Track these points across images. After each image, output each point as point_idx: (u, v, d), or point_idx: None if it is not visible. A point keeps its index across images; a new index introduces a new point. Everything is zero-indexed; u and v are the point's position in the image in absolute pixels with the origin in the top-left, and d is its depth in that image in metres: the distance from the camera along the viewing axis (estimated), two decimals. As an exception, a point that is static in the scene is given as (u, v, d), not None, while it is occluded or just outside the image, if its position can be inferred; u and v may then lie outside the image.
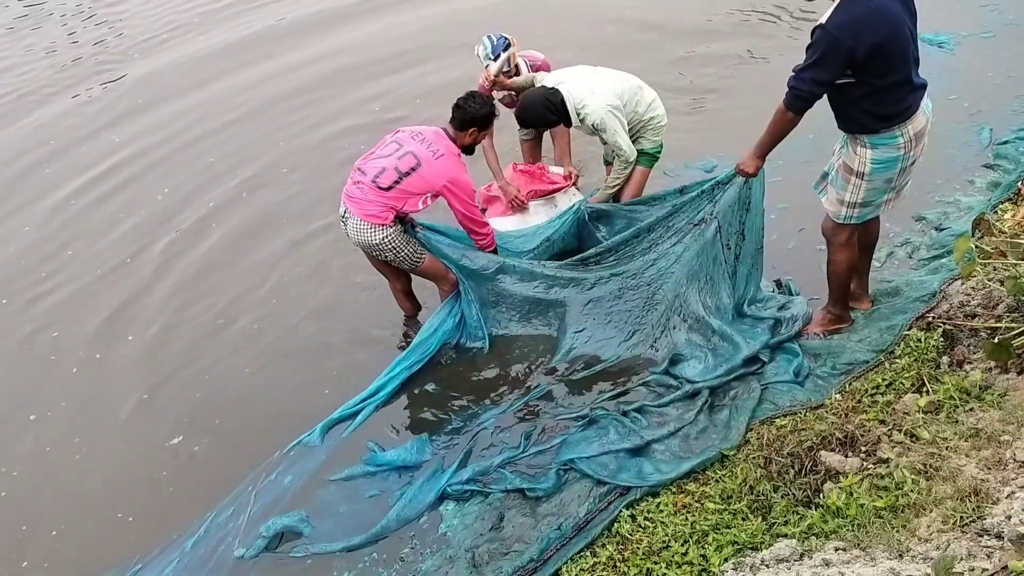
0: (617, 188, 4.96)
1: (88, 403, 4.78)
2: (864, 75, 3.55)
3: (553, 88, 4.61)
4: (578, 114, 4.54)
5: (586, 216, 4.98)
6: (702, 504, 3.52)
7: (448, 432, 4.35)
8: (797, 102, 3.67)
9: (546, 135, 5.63)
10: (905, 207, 4.34)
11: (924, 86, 3.72)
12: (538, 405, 4.43)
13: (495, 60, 4.95)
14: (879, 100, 3.61)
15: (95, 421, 4.66)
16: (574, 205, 5.07)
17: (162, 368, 4.97)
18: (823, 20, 3.50)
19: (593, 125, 4.56)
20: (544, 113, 4.60)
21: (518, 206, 5.14)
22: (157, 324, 5.31)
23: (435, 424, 4.42)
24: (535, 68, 5.14)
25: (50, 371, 5.03)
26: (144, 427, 4.60)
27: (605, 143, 4.87)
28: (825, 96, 3.69)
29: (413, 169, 4.35)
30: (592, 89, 4.58)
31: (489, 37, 5.01)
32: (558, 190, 5.21)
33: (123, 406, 4.73)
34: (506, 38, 5.00)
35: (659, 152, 5.00)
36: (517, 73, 5.08)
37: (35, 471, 4.41)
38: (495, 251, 4.73)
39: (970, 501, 2.81)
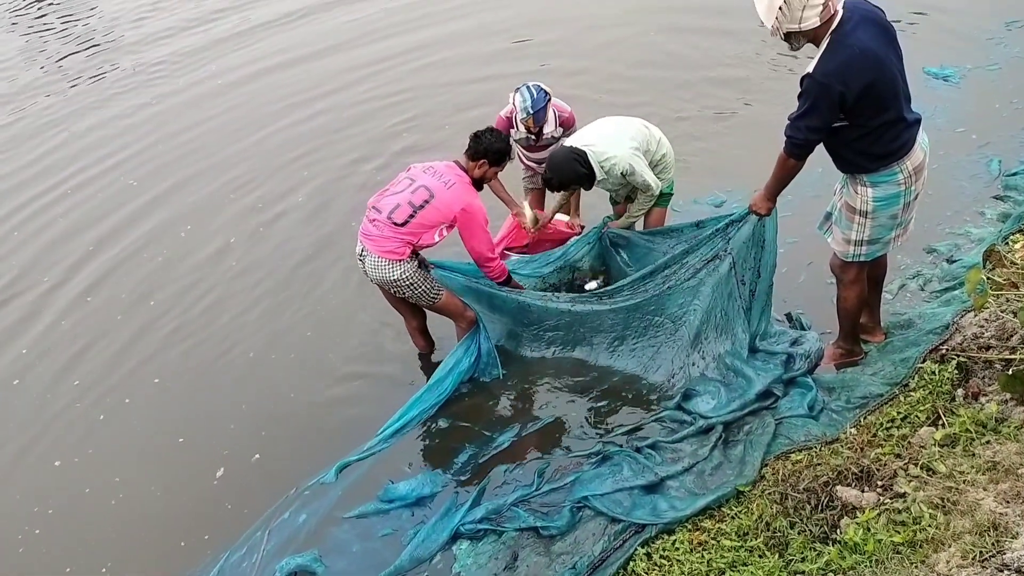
0: (638, 219, 5.00)
1: (123, 445, 4.81)
2: (857, 117, 3.57)
3: (573, 147, 4.59)
4: (602, 167, 4.52)
5: (608, 241, 5.03)
6: (718, 541, 3.49)
7: (462, 465, 4.35)
8: (796, 150, 3.71)
9: None
10: (915, 239, 4.35)
11: (918, 121, 3.73)
12: (551, 438, 4.44)
13: (534, 113, 4.94)
14: (874, 140, 3.63)
15: (134, 460, 4.70)
16: (591, 231, 5.13)
17: (191, 405, 5.03)
18: (810, 69, 3.52)
19: (622, 173, 4.56)
20: (576, 167, 4.51)
21: (529, 233, 5.28)
22: (177, 364, 5.38)
23: (449, 456, 4.43)
24: (562, 120, 5.14)
25: (73, 416, 5.05)
26: (185, 463, 4.65)
27: (631, 189, 4.85)
28: None
29: (427, 202, 4.39)
30: (609, 141, 4.58)
31: (528, 88, 4.96)
32: (565, 240, 5.27)
33: (160, 445, 4.77)
34: (545, 91, 4.99)
35: (672, 189, 5.04)
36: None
37: (77, 513, 4.44)
38: (506, 282, 4.74)
39: (989, 535, 2.78)
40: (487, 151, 4.50)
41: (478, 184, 4.60)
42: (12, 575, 4.16)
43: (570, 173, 4.55)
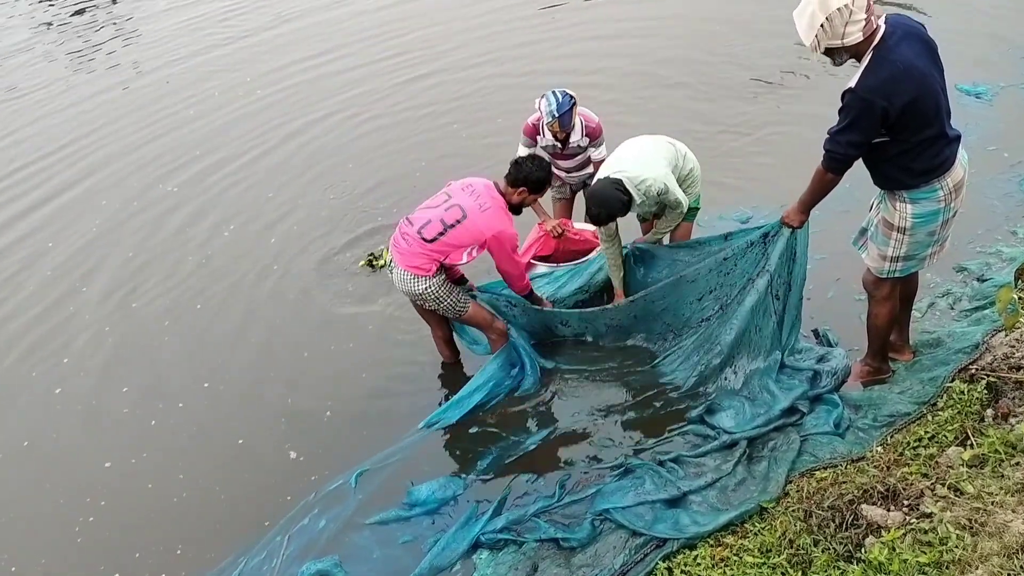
0: (665, 234, 5.01)
1: (180, 446, 4.84)
2: (898, 133, 3.54)
3: (610, 177, 4.55)
4: (639, 189, 4.50)
5: (631, 257, 5.03)
6: (740, 558, 3.46)
7: (484, 469, 4.37)
8: (835, 164, 3.68)
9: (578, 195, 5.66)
10: (946, 257, 4.31)
11: (958, 138, 3.69)
12: (574, 448, 4.44)
13: (559, 116, 4.93)
14: (915, 156, 3.59)
15: (198, 459, 4.74)
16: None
17: (244, 405, 5.10)
18: (852, 84, 3.49)
19: (658, 192, 4.55)
20: (618, 195, 4.47)
21: (557, 238, 5.36)
22: (227, 366, 5.45)
23: (471, 460, 4.45)
24: (588, 130, 5.15)
25: (121, 421, 5.10)
26: (246, 459, 4.71)
27: (661, 206, 4.82)
28: None
29: (458, 221, 4.39)
30: (642, 163, 4.56)
31: (555, 93, 4.94)
32: (591, 249, 5.27)
33: (220, 445, 4.82)
34: (571, 96, 4.98)
35: (699, 203, 5.02)
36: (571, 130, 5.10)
37: (137, 506, 4.49)
38: (530, 297, 4.78)
39: (1018, 558, 2.73)
40: (527, 179, 4.47)
41: (516, 209, 4.58)
42: (73, 560, 4.22)
43: (615, 202, 4.49)
